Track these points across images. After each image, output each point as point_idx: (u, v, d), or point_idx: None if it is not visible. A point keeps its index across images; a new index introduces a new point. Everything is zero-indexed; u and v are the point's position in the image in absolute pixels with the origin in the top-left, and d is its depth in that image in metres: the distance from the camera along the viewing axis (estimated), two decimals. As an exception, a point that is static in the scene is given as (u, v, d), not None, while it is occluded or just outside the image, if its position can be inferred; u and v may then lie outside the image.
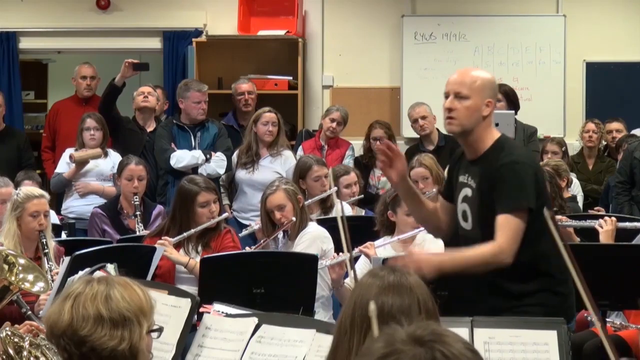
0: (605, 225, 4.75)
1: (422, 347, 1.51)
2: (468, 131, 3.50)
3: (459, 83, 3.49)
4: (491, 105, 3.50)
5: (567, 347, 2.85)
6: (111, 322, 2.28)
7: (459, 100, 3.47)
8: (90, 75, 7.37)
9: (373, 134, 7.28)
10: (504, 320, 3.13)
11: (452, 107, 3.48)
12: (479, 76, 3.52)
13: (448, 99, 3.51)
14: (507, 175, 3.39)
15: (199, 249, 4.82)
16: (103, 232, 5.71)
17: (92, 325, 2.26)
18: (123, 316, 2.29)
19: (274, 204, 4.85)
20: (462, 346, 1.53)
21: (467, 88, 3.47)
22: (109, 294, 2.30)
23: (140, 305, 2.33)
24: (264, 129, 6.49)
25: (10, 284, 3.48)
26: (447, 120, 3.53)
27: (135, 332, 2.30)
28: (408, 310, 2.20)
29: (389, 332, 1.57)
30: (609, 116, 7.76)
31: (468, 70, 3.59)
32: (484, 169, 3.48)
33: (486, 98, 3.48)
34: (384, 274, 2.29)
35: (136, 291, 2.35)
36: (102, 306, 2.28)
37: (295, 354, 2.96)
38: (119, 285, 2.34)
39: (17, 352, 2.63)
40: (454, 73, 3.58)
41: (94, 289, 2.31)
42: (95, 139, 6.58)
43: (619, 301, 4.33)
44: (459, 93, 3.47)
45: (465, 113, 3.46)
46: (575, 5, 8.25)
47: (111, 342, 2.26)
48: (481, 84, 3.49)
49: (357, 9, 8.42)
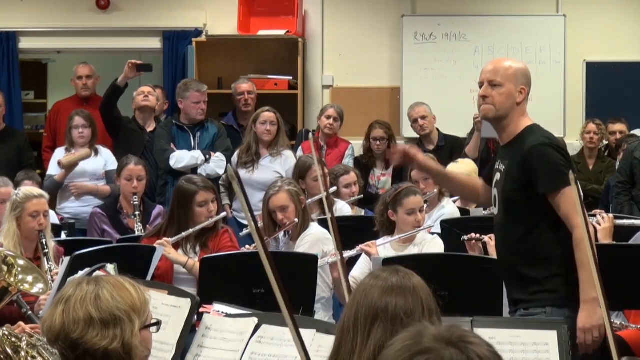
0: (602, 222, 4.75)
1: (454, 348, 1.54)
2: (502, 117, 3.64)
3: (493, 71, 3.64)
4: (524, 92, 3.65)
5: (567, 347, 2.85)
6: (102, 323, 2.28)
7: (493, 88, 3.61)
8: (86, 75, 7.37)
9: (373, 134, 7.29)
10: (504, 320, 3.15)
11: (487, 95, 3.62)
12: (512, 65, 3.68)
13: (482, 87, 3.65)
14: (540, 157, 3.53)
15: (197, 248, 4.82)
16: (102, 232, 5.70)
17: (83, 328, 2.26)
18: (113, 315, 2.29)
19: (276, 205, 4.85)
20: (489, 349, 1.57)
21: (501, 76, 3.61)
22: (98, 295, 2.30)
23: (132, 302, 2.33)
24: (263, 128, 6.49)
25: (10, 285, 3.48)
26: (482, 107, 3.66)
27: (126, 329, 2.30)
28: (412, 310, 2.21)
29: (417, 330, 1.60)
30: (609, 116, 7.76)
31: (501, 60, 3.76)
32: (513, 153, 3.61)
33: (519, 85, 3.64)
34: (386, 275, 2.29)
35: (127, 288, 2.35)
36: (91, 307, 2.28)
37: (295, 354, 2.95)
38: (108, 285, 2.33)
39: (15, 352, 2.63)
40: (488, 63, 3.74)
41: (83, 290, 2.31)
42: (84, 136, 6.58)
43: (619, 301, 4.33)
44: (493, 81, 3.62)
45: (499, 99, 3.61)
46: (575, 5, 8.24)
47: (103, 342, 2.26)
48: (514, 71, 3.64)
49: (357, 9, 8.41)
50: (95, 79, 7.42)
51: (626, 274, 4.16)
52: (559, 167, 3.51)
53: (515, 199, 3.61)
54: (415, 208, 4.73)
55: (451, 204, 5.74)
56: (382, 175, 7.28)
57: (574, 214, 3.42)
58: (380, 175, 7.28)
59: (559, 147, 3.59)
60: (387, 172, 7.29)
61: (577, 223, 3.41)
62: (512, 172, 3.60)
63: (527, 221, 3.59)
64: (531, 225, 3.59)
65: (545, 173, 3.51)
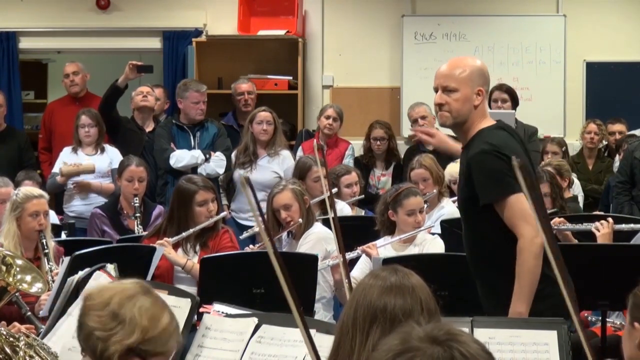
0: (602, 228, 4.74)
1: (439, 346, 1.52)
2: (460, 123, 3.44)
3: (446, 76, 3.41)
4: (482, 93, 3.42)
5: (567, 347, 2.84)
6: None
7: (448, 94, 3.40)
8: (72, 72, 7.35)
9: (373, 134, 7.29)
10: (504, 320, 3.13)
11: (442, 102, 3.42)
12: (467, 65, 3.43)
13: (437, 93, 3.44)
14: (478, 166, 3.34)
15: (197, 248, 4.82)
16: (102, 233, 5.70)
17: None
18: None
19: (280, 204, 4.86)
20: (478, 347, 1.54)
21: (455, 80, 3.39)
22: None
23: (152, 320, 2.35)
24: (259, 127, 6.49)
25: (8, 285, 3.48)
26: (439, 115, 3.46)
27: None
28: (410, 310, 2.20)
29: (405, 330, 1.58)
30: (609, 116, 7.75)
31: (455, 61, 3.47)
32: (464, 159, 3.47)
33: (476, 87, 3.40)
34: (385, 275, 2.28)
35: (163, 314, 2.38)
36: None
37: (295, 354, 2.96)
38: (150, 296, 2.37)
39: (14, 352, 2.64)
40: (442, 65, 3.48)
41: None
42: (90, 135, 6.58)
43: (619, 301, 4.32)
44: (447, 87, 3.40)
45: (455, 106, 3.39)
46: (575, 5, 8.24)
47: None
48: (469, 73, 3.40)
49: (357, 9, 8.41)
50: (83, 76, 7.39)
51: (626, 274, 4.16)
52: (498, 175, 3.28)
53: (467, 209, 3.47)
54: (415, 209, 4.73)
55: (450, 204, 5.74)
56: (382, 175, 7.29)
57: (519, 222, 3.24)
58: (380, 175, 7.28)
59: (500, 154, 3.30)
60: (387, 172, 7.29)
61: (521, 232, 3.24)
62: (462, 181, 3.47)
63: (482, 231, 3.43)
64: (486, 235, 3.42)
65: (483, 183, 3.32)
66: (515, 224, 3.28)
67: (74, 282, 3.41)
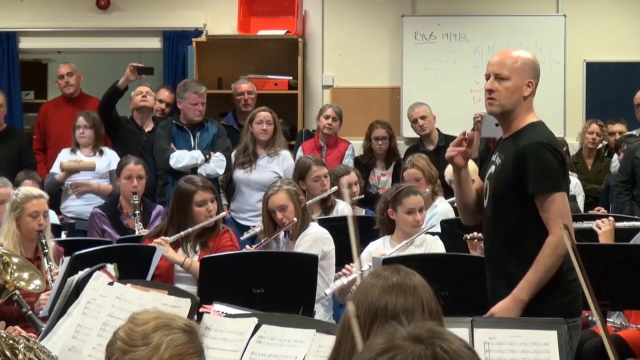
0: (603, 226, 4.75)
1: (421, 344, 1.52)
2: (508, 111, 3.52)
3: (499, 64, 3.52)
4: (532, 85, 3.52)
5: (567, 347, 2.84)
6: None
7: (500, 82, 3.50)
8: (66, 73, 7.36)
9: (375, 134, 7.29)
10: (504, 320, 3.13)
11: (493, 89, 3.50)
12: (520, 56, 3.55)
13: (489, 80, 3.53)
14: (534, 156, 3.42)
15: (197, 248, 4.82)
16: (102, 232, 5.70)
17: None
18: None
19: (275, 205, 4.86)
20: (461, 344, 1.54)
21: (508, 69, 3.49)
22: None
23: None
24: (259, 127, 6.50)
25: (6, 282, 3.47)
26: (488, 101, 3.54)
27: None
28: (412, 310, 2.20)
29: (389, 330, 1.58)
30: (609, 116, 7.75)
31: (509, 51, 3.60)
32: (511, 148, 3.51)
33: (527, 78, 3.51)
34: (387, 274, 2.28)
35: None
36: None
37: (295, 354, 2.96)
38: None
39: (13, 354, 2.63)
40: (495, 54, 3.60)
41: None
42: (84, 136, 6.59)
43: (619, 301, 4.33)
44: (499, 74, 3.50)
45: (506, 94, 3.49)
46: (575, 5, 8.24)
47: None
48: (522, 64, 3.52)
49: (357, 9, 8.41)
50: (77, 76, 7.39)
51: (626, 274, 4.16)
52: (552, 170, 3.42)
53: (504, 195, 3.51)
54: (415, 208, 4.73)
55: (444, 203, 5.76)
56: (382, 175, 7.29)
57: (556, 220, 3.32)
58: (380, 175, 7.28)
59: (556, 150, 3.47)
60: (387, 172, 7.29)
61: (555, 230, 3.33)
62: (506, 168, 3.50)
63: (515, 219, 3.50)
64: (518, 224, 3.49)
65: (537, 173, 3.41)
66: (551, 220, 3.37)
67: (73, 282, 3.41)
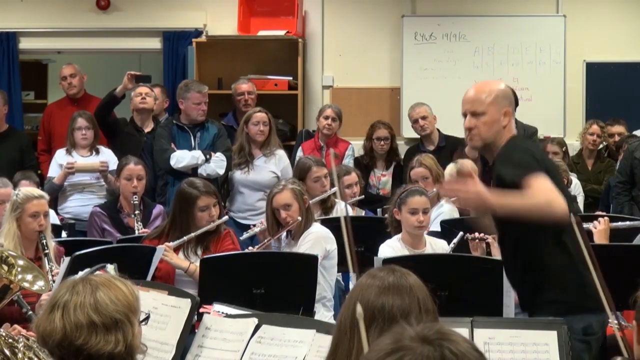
0: (598, 225, 4.76)
1: (430, 345, 1.53)
2: (491, 143, 3.55)
3: (473, 101, 3.55)
4: (509, 114, 3.55)
5: (566, 347, 2.85)
6: (104, 327, 2.27)
7: (477, 117, 3.53)
8: (70, 74, 7.36)
9: (377, 134, 7.29)
10: (504, 320, 3.14)
11: (471, 126, 3.55)
12: (492, 89, 3.57)
13: (466, 118, 3.57)
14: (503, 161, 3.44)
15: (198, 252, 4.82)
16: (103, 231, 5.71)
17: (87, 334, 2.26)
18: (114, 319, 2.28)
19: (280, 203, 4.86)
20: (468, 346, 1.55)
21: (482, 104, 3.53)
22: (96, 299, 2.29)
23: (127, 302, 2.32)
24: (255, 129, 6.50)
25: (11, 283, 3.49)
26: (469, 137, 3.58)
27: (128, 331, 2.30)
28: (408, 310, 2.20)
29: (397, 331, 1.59)
30: (609, 116, 7.75)
31: (480, 86, 3.62)
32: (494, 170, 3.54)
33: (502, 109, 3.54)
34: (383, 275, 2.28)
35: (120, 288, 2.34)
36: (92, 312, 2.27)
37: (295, 354, 2.96)
38: (103, 287, 2.32)
39: (13, 353, 2.63)
40: (467, 91, 3.62)
41: (80, 295, 2.30)
42: (87, 137, 6.59)
43: (619, 301, 4.32)
44: (475, 111, 3.53)
45: (484, 128, 3.53)
46: (575, 5, 8.24)
47: (107, 347, 2.26)
48: (495, 97, 3.54)
49: (357, 9, 8.41)
50: (80, 77, 7.40)
51: (626, 274, 4.16)
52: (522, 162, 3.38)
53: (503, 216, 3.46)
54: (419, 208, 4.74)
55: (450, 203, 5.75)
56: (383, 175, 7.28)
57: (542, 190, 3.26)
58: (380, 176, 7.28)
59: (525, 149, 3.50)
60: (388, 172, 7.29)
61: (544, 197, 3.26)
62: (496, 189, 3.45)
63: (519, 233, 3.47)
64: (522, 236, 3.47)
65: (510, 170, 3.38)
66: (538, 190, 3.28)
67: (74, 283, 3.41)
